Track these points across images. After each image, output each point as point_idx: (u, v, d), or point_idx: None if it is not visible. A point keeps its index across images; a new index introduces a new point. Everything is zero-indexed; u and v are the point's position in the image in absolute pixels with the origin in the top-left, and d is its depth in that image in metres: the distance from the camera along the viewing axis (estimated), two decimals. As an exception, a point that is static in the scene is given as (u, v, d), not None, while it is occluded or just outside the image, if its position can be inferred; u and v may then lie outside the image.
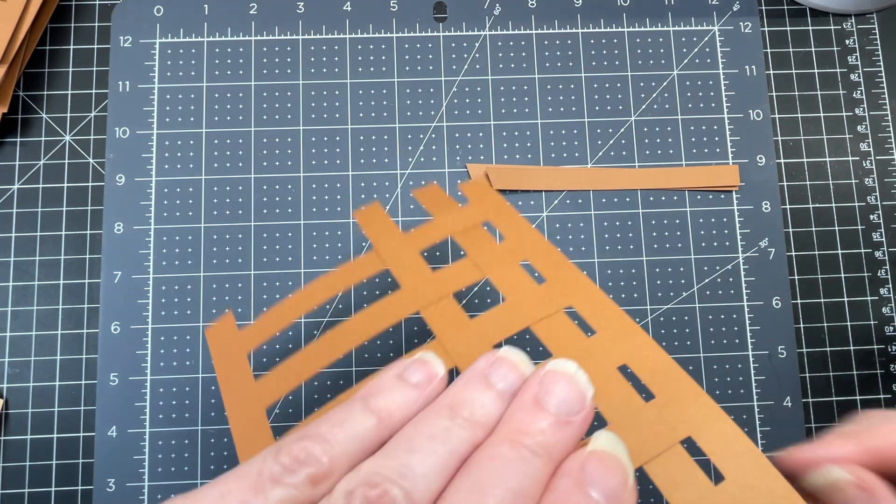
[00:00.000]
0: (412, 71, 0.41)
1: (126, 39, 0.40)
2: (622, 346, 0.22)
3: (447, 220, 0.29)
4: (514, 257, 0.26)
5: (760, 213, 0.40)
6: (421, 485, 0.16)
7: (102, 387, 0.37)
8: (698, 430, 0.20)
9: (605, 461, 0.17)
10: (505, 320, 0.23)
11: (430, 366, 0.19)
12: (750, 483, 0.19)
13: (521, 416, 0.17)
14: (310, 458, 0.16)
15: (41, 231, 0.38)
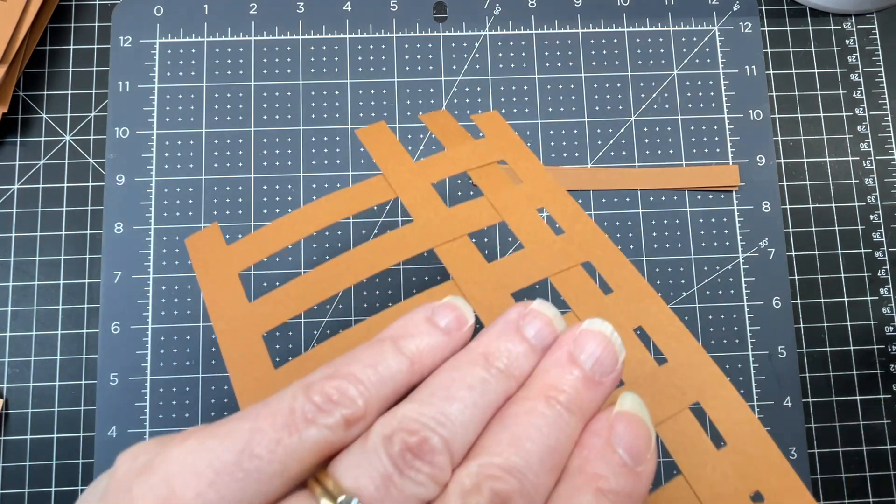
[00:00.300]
0: (412, 71, 0.41)
1: (126, 39, 0.40)
2: (638, 308, 0.22)
3: (461, 152, 0.27)
4: (532, 203, 0.25)
5: (760, 213, 0.40)
6: (459, 434, 0.16)
7: (102, 387, 0.37)
8: (705, 396, 0.21)
9: (632, 422, 0.17)
10: (524, 269, 0.23)
11: (460, 311, 0.19)
12: (749, 451, 0.20)
13: (556, 371, 0.17)
14: (344, 398, 0.16)
15: (41, 231, 0.38)
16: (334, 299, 0.38)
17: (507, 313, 0.19)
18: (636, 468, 0.17)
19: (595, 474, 0.16)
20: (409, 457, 0.15)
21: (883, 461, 0.38)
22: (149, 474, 0.15)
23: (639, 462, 0.17)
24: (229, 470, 0.14)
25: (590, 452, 0.17)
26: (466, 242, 0.24)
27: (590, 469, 0.16)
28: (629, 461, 0.17)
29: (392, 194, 0.25)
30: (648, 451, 0.17)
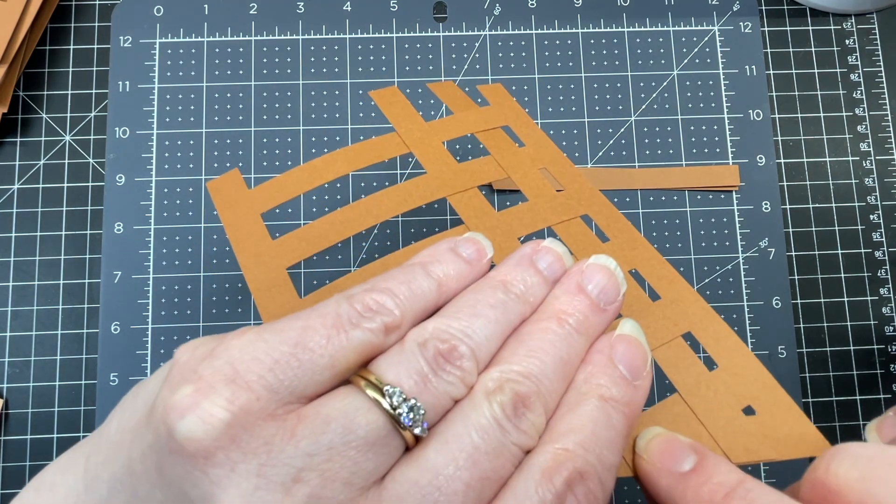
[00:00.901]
0: (412, 71, 0.41)
1: (126, 39, 0.40)
2: (632, 254, 0.24)
3: (469, 116, 0.29)
4: (534, 163, 0.27)
5: (760, 213, 0.40)
6: (483, 345, 0.18)
7: (102, 387, 0.37)
8: (696, 327, 0.23)
9: (630, 343, 0.20)
10: (528, 219, 0.25)
11: (480, 244, 0.21)
12: (739, 372, 0.22)
13: (566, 298, 0.20)
14: (382, 308, 0.18)
15: (41, 231, 0.38)
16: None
17: (522, 248, 0.21)
18: (634, 382, 0.19)
19: (598, 384, 0.19)
20: (442, 360, 0.17)
21: (883, 461, 0.38)
22: (213, 359, 0.16)
23: (636, 377, 0.19)
24: (286, 359, 0.16)
25: (594, 367, 0.19)
26: (476, 193, 0.26)
27: (594, 380, 0.19)
28: (628, 375, 0.19)
29: (405, 149, 0.27)
30: (645, 368, 0.20)
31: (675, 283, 0.24)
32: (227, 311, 0.38)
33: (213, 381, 0.16)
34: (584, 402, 0.18)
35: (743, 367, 0.22)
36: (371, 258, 0.38)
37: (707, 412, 0.21)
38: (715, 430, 0.21)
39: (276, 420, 0.16)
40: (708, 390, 0.22)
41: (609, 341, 0.20)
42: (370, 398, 0.16)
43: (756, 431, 0.21)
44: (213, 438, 0.15)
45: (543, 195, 0.26)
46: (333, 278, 0.38)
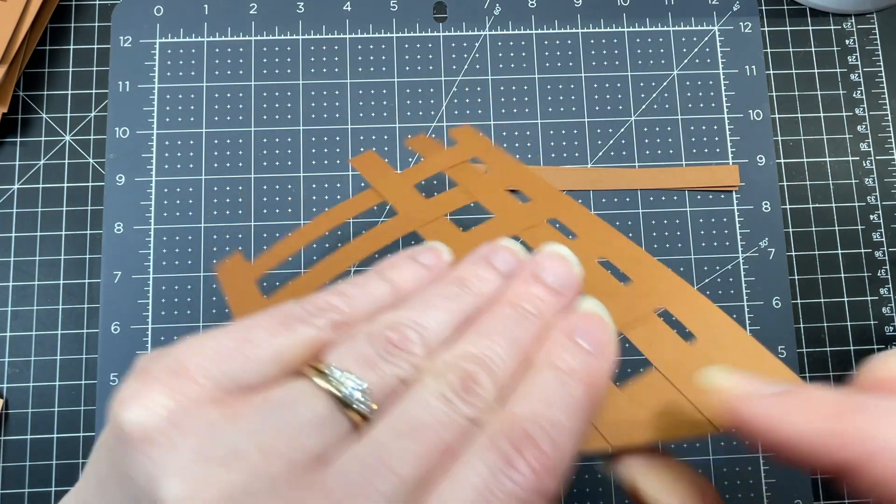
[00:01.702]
0: (412, 71, 0.41)
1: (126, 39, 0.40)
2: (603, 246, 0.25)
3: (437, 157, 0.31)
4: (501, 185, 0.28)
5: (760, 213, 0.40)
6: (434, 332, 0.18)
7: (102, 387, 0.37)
8: (671, 302, 0.23)
9: (590, 318, 0.19)
10: (494, 231, 0.25)
11: (439, 251, 0.21)
12: (720, 341, 0.21)
13: (520, 285, 0.20)
14: (331, 307, 0.18)
15: (41, 231, 0.38)
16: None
17: (479, 249, 0.21)
18: (596, 354, 0.19)
19: (555, 357, 0.18)
20: (390, 346, 0.17)
21: (883, 461, 0.38)
22: (162, 356, 0.17)
23: (599, 349, 0.19)
24: (229, 352, 0.17)
25: (553, 344, 0.19)
26: (444, 220, 0.27)
27: (551, 357, 0.18)
28: (589, 347, 0.19)
29: (380, 199, 0.29)
30: (608, 339, 0.19)
31: (645, 263, 0.24)
32: (227, 310, 0.38)
33: (158, 374, 0.16)
34: (538, 373, 0.18)
35: (725, 336, 0.21)
36: (371, 258, 0.38)
37: (688, 384, 0.21)
38: (698, 401, 0.20)
39: (220, 406, 0.16)
40: (687, 362, 0.21)
41: (569, 319, 0.19)
42: (315, 382, 0.17)
43: None
44: (154, 423, 0.16)
45: (509, 209, 0.27)
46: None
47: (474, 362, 0.17)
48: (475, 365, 0.17)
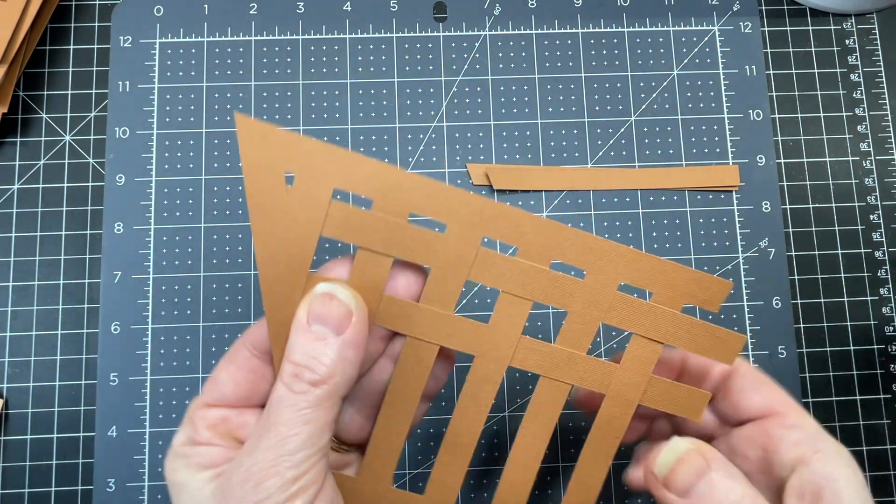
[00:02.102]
0: (412, 71, 0.41)
1: (126, 39, 0.40)
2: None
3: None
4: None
5: (760, 213, 0.40)
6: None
7: (102, 387, 0.37)
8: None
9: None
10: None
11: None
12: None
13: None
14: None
15: (41, 231, 0.38)
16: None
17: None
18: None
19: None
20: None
21: (883, 461, 0.38)
22: None
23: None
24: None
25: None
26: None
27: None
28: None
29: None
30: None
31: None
32: (227, 311, 0.38)
33: None
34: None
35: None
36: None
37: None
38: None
39: None
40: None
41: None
42: None
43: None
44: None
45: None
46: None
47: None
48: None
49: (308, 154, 0.23)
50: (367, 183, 0.23)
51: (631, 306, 0.25)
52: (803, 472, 0.24)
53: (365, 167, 0.23)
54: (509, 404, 0.38)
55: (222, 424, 0.25)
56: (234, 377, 0.25)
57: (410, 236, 0.24)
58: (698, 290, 0.25)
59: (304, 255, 0.24)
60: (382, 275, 0.24)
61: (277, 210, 0.23)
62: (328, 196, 0.23)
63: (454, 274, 0.25)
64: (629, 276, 0.25)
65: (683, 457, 0.24)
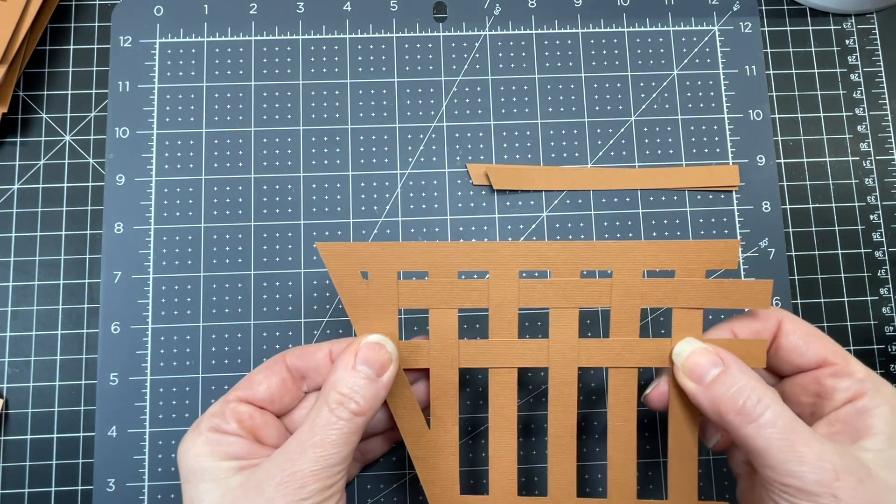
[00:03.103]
0: (412, 71, 0.41)
1: (126, 39, 0.40)
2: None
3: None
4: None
5: (760, 213, 0.40)
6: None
7: (102, 387, 0.37)
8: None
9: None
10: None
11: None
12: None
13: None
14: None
15: (41, 231, 0.38)
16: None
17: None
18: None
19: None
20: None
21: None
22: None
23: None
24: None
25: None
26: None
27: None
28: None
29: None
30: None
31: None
32: (227, 311, 0.38)
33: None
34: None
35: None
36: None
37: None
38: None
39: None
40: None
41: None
42: None
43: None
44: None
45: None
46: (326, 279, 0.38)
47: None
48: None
49: (373, 254, 0.30)
50: (418, 260, 0.30)
51: (661, 287, 0.30)
52: (847, 408, 0.27)
53: (414, 250, 0.30)
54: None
55: (249, 420, 0.29)
56: (268, 381, 0.30)
57: (464, 289, 0.30)
58: (711, 255, 0.29)
59: (392, 328, 0.30)
60: (453, 325, 0.30)
61: (363, 301, 0.30)
62: (395, 279, 0.30)
63: (508, 308, 0.30)
64: (649, 262, 0.30)
65: (698, 350, 0.28)
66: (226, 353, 0.37)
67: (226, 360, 0.37)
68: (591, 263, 0.30)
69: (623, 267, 0.30)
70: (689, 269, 0.30)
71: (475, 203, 0.39)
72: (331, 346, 0.31)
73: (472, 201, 0.39)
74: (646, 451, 0.37)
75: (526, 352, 0.30)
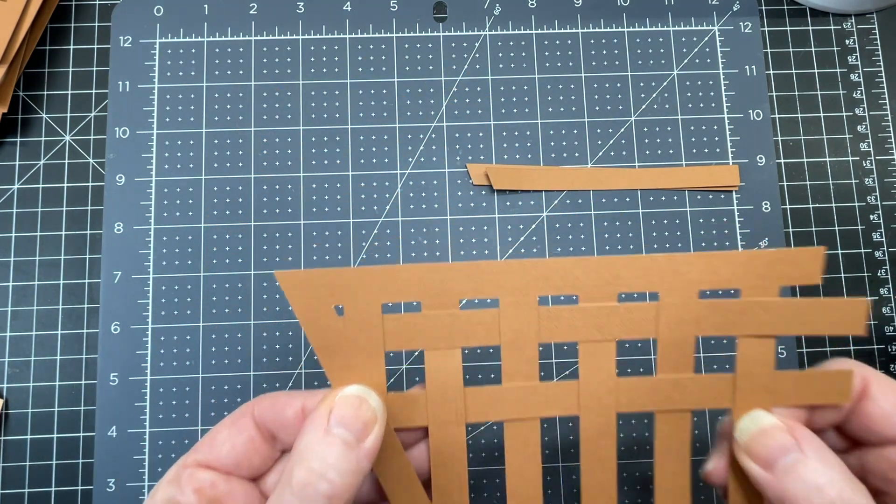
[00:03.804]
0: (412, 71, 0.41)
1: (126, 39, 0.40)
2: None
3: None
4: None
5: (760, 213, 0.40)
6: None
7: (102, 387, 0.37)
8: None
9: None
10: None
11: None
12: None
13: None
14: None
15: (41, 231, 0.38)
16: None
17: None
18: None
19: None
20: None
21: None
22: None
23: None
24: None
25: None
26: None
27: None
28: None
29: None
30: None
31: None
32: (227, 311, 0.38)
33: None
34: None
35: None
36: (371, 258, 0.38)
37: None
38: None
39: None
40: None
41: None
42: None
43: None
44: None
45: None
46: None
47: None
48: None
49: (349, 282, 0.23)
50: (408, 288, 0.23)
51: (724, 310, 0.24)
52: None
53: (401, 275, 0.23)
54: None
55: (210, 489, 0.23)
56: (232, 440, 0.24)
57: (468, 322, 0.24)
58: (788, 268, 0.23)
59: (378, 377, 0.24)
60: (456, 369, 0.24)
61: (338, 343, 0.23)
62: (379, 313, 0.23)
63: (525, 343, 0.24)
64: (706, 280, 0.24)
65: (767, 429, 0.22)
66: (226, 353, 0.37)
67: (226, 360, 0.37)
68: (631, 284, 0.24)
69: (673, 287, 0.23)
70: (758, 285, 0.23)
71: (475, 203, 0.39)
72: (304, 398, 0.24)
73: (472, 201, 0.39)
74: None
75: (551, 398, 0.24)
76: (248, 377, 0.37)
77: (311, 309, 0.23)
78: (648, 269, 0.23)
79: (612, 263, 0.24)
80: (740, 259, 0.23)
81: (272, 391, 0.25)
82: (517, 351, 0.24)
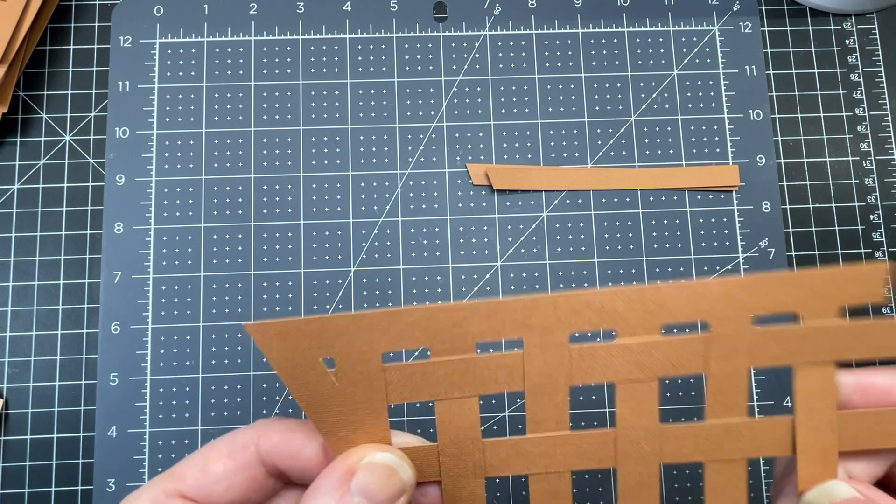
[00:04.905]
0: (412, 71, 0.41)
1: (126, 39, 0.40)
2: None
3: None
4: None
5: (760, 213, 0.40)
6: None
7: (102, 387, 0.37)
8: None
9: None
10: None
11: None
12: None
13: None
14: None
15: (41, 231, 0.38)
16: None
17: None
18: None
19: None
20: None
21: (883, 461, 0.38)
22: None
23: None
24: None
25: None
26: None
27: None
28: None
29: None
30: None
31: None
32: (227, 311, 0.38)
33: None
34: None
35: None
36: (371, 258, 0.38)
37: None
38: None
39: None
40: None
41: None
42: None
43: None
44: None
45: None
46: (333, 278, 0.38)
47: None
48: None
49: (341, 331, 0.20)
50: (414, 334, 0.20)
51: (781, 338, 0.21)
52: None
53: (404, 319, 0.20)
54: (509, 405, 0.38)
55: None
56: (231, 477, 0.20)
57: (486, 367, 0.21)
58: (850, 286, 0.21)
59: (382, 434, 0.21)
60: (473, 420, 0.21)
61: (332, 400, 0.20)
62: (379, 364, 0.20)
63: (554, 387, 0.21)
64: (763, 305, 0.21)
65: (844, 501, 0.20)
66: (226, 353, 0.37)
67: (226, 360, 0.37)
68: (678, 314, 0.21)
69: (725, 315, 0.21)
70: (817, 307, 0.21)
71: (475, 203, 0.39)
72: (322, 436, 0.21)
73: (472, 201, 0.39)
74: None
75: (584, 448, 0.21)
76: (248, 377, 0.37)
77: (293, 364, 0.20)
78: (698, 296, 0.21)
79: (656, 292, 0.21)
80: (799, 280, 0.21)
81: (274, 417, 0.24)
82: (544, 396, 0.21)
